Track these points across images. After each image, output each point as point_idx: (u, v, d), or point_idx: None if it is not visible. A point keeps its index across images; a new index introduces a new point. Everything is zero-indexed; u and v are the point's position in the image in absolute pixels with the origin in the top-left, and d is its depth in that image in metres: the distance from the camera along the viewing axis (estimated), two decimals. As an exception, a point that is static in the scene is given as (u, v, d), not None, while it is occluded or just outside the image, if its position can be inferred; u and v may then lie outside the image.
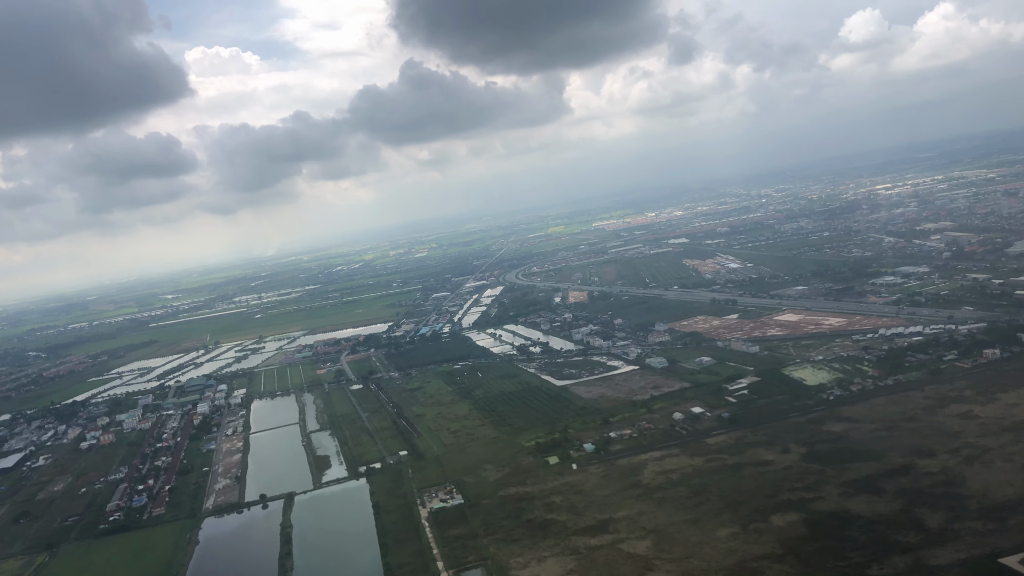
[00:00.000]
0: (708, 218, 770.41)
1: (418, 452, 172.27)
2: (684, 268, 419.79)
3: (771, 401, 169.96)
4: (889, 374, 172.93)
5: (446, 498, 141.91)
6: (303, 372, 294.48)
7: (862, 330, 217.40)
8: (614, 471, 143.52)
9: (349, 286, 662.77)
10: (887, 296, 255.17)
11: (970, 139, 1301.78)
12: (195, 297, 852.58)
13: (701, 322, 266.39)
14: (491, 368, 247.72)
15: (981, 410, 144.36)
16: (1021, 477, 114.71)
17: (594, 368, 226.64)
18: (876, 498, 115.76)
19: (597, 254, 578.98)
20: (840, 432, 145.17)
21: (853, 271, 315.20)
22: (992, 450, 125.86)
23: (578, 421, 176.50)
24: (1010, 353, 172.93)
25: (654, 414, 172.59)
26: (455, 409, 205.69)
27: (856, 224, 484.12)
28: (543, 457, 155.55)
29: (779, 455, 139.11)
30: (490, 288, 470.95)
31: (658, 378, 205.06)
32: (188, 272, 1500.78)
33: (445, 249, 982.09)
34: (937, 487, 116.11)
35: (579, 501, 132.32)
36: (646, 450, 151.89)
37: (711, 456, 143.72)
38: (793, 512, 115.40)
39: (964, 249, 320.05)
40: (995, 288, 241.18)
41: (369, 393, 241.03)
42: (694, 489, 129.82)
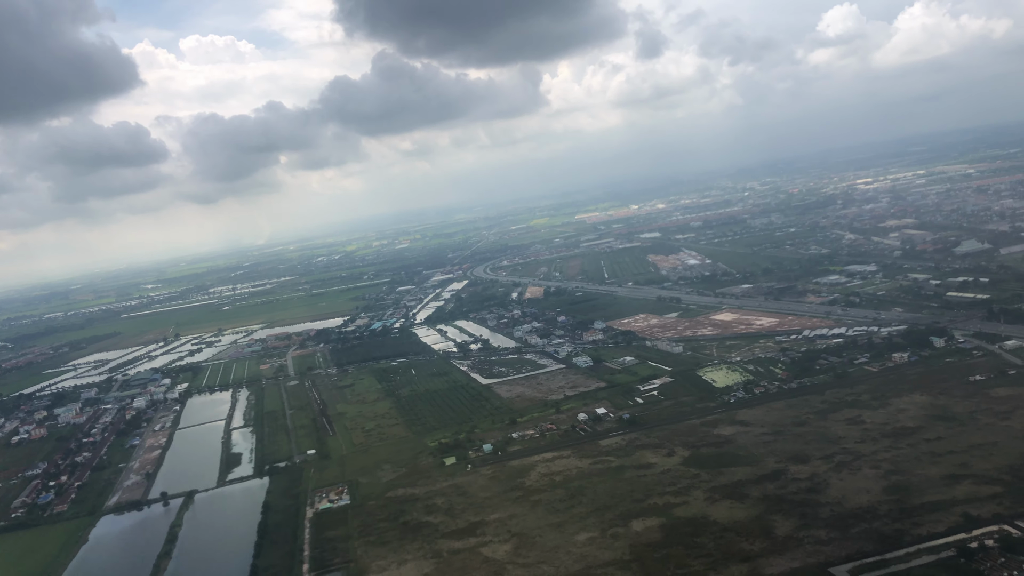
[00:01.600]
0: (688, 211, 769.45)
1: (326, 451, 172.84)
2: (646, 264, 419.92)
3: (675, 403, 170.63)
4: (797, 377, 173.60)
5: (335, 499, 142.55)
6: (248, 367, 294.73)
7: (788, 331, 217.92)
8: (503, 473, 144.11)
9: (322, 278, 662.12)
10: (826, 296, 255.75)
11: (962, 134, 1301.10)
12: (174, 287, 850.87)
13: (641, 320, 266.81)
14: (426, 366, 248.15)
15: (870, 415, 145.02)
16: (880, 485, 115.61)
17: (524, 367, 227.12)
18: (738, 504, 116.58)
19: (569, 248, 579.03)
20: (728, 436, 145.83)
21: (804, 269, 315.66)
22: (864, 456, 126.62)
23: (487, 421, 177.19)
24: (918, 357, 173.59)
25: (561, 415, 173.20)
26: (376, 407, 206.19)
27: (825, 220, 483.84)
28: (442, 458, 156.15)
29: (663, 458, 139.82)
30: (455, 282, 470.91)
31: (579, 377, 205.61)
32: (176, 261, 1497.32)
33: (428, 240, 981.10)
34: (799, 494, 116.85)
35: (459, 503, 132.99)
36: (541, 451, 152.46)
37: (599, 458, 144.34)
38: (655, 517, 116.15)
39: (916, 248, 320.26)
40: (931, 289, 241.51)
41: (302, 390, 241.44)
42: (571, 492, 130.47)
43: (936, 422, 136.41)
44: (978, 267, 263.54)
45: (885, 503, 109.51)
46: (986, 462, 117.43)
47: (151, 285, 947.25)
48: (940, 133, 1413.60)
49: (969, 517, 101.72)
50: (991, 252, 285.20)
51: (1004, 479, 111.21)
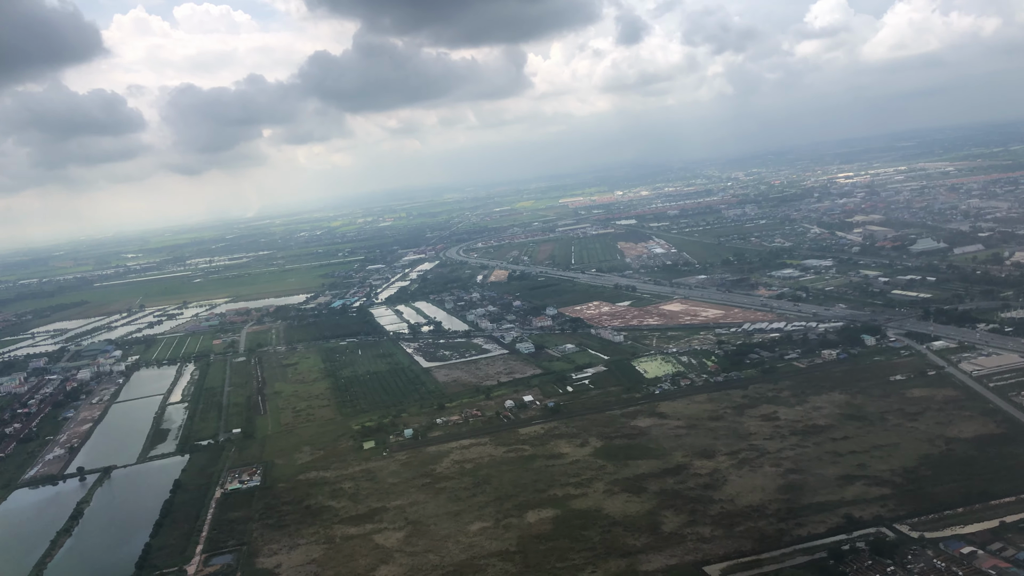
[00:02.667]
0: (670, 199, 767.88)
1: (252, 430, 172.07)
2: (614, 251, 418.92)
3: (603, 392, 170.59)
4: (726, 370, 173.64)
5: (246, 480, 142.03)
6: (201, 342, 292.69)
7: (730, 324, 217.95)
8: (416, 459, 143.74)
9: (298, 253, 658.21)
10: (776, 290, 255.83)
11: (954, 131, 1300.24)
12: (154, 258, 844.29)
13: (593, 308, 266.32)
14: (374, 346, 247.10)
15: (786, 412, 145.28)
16: (776, 483, 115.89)
17: (468, 351, 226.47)
18: (634, 498, 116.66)
19: (545, 232, 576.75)
20: (644, 428, 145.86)
21: (762, 261, 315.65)
22: (769, 454, 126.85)
23: (416, 405, 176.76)
24: (847, 354, 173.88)
25: (490, 401, 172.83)
26: (313, 388, 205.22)
27: (797, 213, 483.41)
28: (362, 441, 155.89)
29: (575, 448, 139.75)
30: (426, 263, 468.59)
31: (518, 364, 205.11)
32: (162, 231, 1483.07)
33: (411, 219, 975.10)
34: (695, 490, 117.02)
35: (366, 488, 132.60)
36: (460, 438, 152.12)
37: (514, 447, 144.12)
38: (551, 508, 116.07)
39: (875, 244, 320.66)
40: (878, 286, 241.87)
41: (247, 367, 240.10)
42: (478, 480, 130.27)
43: (847, 421, 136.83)
44: (929, 266, 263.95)
45: (775, 502, 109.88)
46: (883, 463, 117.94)
47: (132, 254, 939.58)
48: (932, 129, 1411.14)
49: (851, 519, 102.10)
50: (945, 251, 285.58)
51: (895, 481, 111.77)
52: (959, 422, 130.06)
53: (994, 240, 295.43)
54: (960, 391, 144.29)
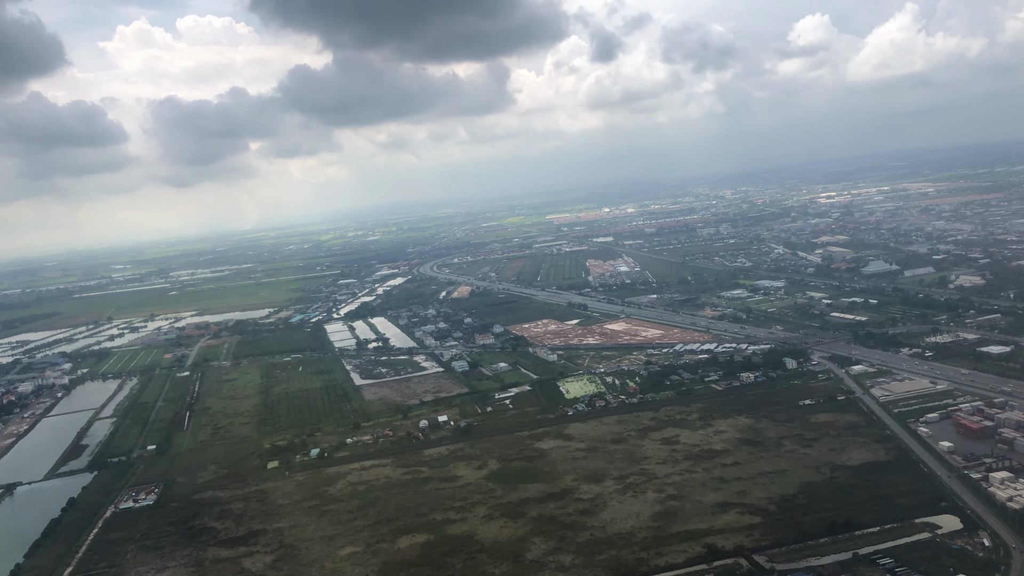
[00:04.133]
0: (653, 217, 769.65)
1: (166, 447, 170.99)
2: (581, 268, 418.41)
3: (519, 412, 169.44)
4: (645, 391, 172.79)
5: (141, 498, 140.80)
6: (153, 356, 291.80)
7: (664, 344, 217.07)
8: (313, 480, 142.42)
9: (278, 267, 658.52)
10: (721, 310, 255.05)
11: (947, 151, 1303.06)
12: (140, 269, 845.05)
13: (540, 326, 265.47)
14: (316, 363, 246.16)
15: (687, 436, 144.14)
16: (653, 509, 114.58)
17: (405, 368, 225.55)
18: (511, 523, 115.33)
19: (522, 248, 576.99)
20: (545, 450, 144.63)
21: (718, 281, 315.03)
22: (657, 479, 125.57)
23: (333, 424, 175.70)
24: (765, 377, 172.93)
25: (407, 420, 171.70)
26: (242, 404, 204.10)
27: (768, 232, 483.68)
28: (268, 461, 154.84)
29: (472, 471, 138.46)
30: (397, 278, 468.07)
31: (449, 382, 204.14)
32: (156, 243, 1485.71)
33: (401, 233, 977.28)
34: (572, 515, 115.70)
35: (254, 510, 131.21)
36: (363, 459, 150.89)
37: (413, 468, 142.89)
38: (425, 533, 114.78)
39: (831, 265, 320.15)
40: (820, 308, 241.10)
41: (188, 382, 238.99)
42: (365, 503, 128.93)
43: (742, 446, 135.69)
44: (876, 288, 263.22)
45: (645, 529, 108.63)
46: (764, 491, 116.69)
47: (121, 266, 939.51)
48: (926, 150, 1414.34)
49: (714, 549, 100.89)
50: (896, 273, 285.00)
51: (769, 509, 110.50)
52: (851, 449, 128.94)
53: (946, 263, 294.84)
54: (862, 417, 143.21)
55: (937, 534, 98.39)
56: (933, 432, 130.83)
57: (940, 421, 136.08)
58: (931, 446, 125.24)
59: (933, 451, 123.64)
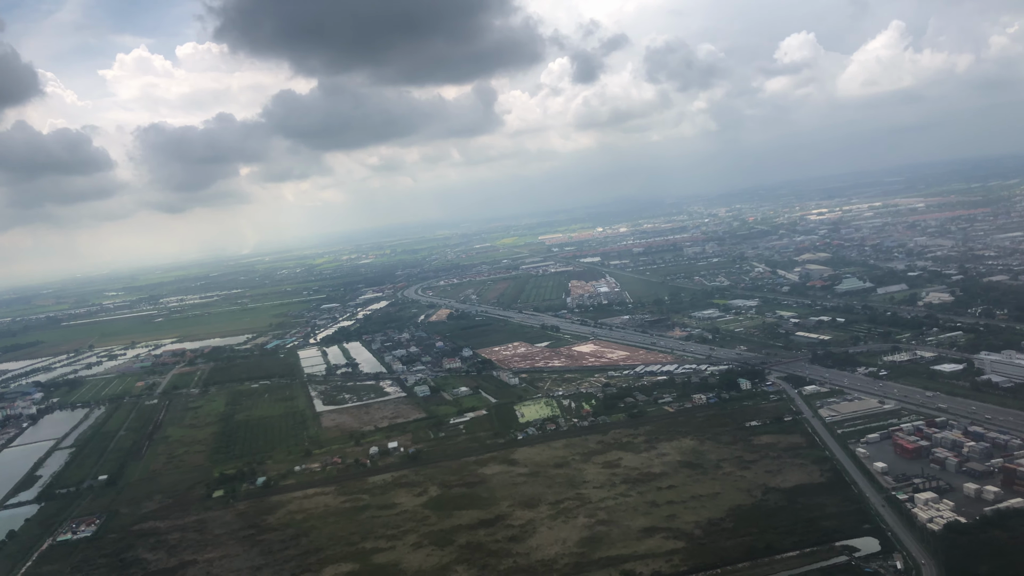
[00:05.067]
0: (645, 236, 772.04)
1: (117, 477, 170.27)
2: (562, 289, 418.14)
3: (471, 438, 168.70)
4: (598, 414, 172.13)
5: (81, 530, 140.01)
6: (125, 384, 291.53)
7: (626, 366, 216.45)
8: (254, 509, 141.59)
9: (268, 292, 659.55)
10: (689, 331, 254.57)
11: (945, 165, 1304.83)
12: (131, 296, 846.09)
13: (510, 349, 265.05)
14: (282, 389, 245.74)
15: (629, 459, 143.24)
16: (580, 535, 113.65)
17: (369, 394, 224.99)
18: (437, 551, 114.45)
19: (508, 270, 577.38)
20: (488, 475, 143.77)
21: (693, 301, 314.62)
22: (591, 504, 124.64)
23: (285, 452, 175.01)
24: (717, 399, 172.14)
25: (358, 447, 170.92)
26: (202, 432, 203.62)
27: (752, 250, 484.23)
28: (214, 490, 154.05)
29: (412, 498, 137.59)
30: (380, 302, 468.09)
31: (408, 407, 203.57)
32: (153, 269, 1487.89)
33: (395, 256, 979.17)
34: (500, 542, 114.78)
35: (189, 540, 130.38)
36: (309, 487, 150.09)
37: (354, 496, 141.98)
38: (350, 563, 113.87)
39: (807, 283, 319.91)
40: (786, 327, 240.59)
41: (154, 410, 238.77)
42: (300, 532, 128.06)
43: (682, 469, 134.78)
44: (847, 306, 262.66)
45: (567, 556, 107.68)
46: (694, 514, 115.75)
47: (114, 293, 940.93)
48: (923, 165, 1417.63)
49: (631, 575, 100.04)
50: (869, 291, 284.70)
51: (695, 534, 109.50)
52: (787, 471, 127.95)
53: (920, 280, 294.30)
54: (805, 438, 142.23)
55: (854, 557, 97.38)
56: (871, 453, 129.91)
57: (880, 442, 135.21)
58: (866, 467, 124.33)
59: (867, 472, 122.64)
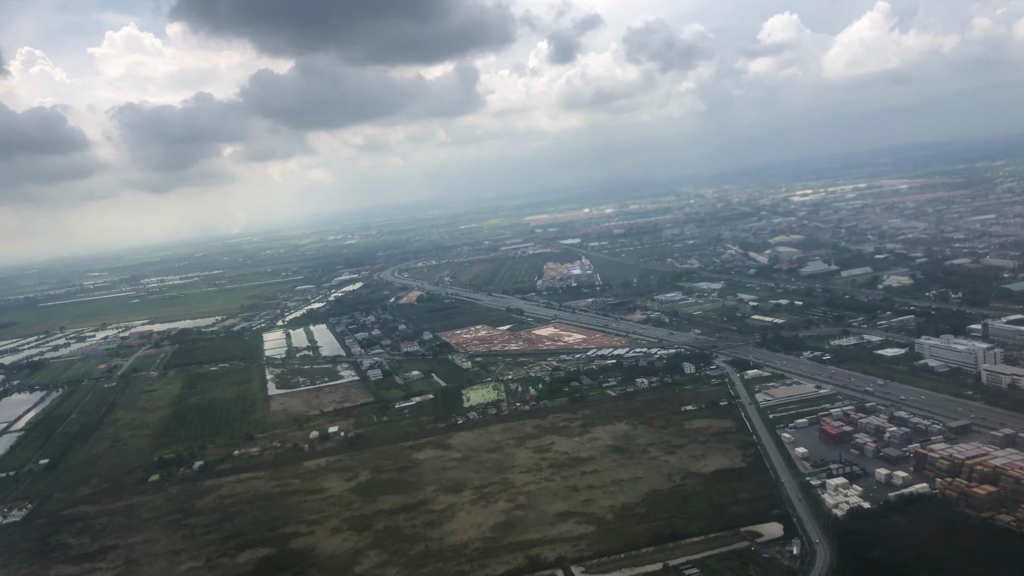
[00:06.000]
0: (630, 217, 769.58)
1: (58, 461, 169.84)
2: (536, 272, 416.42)
3: (413, 422, 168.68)
4: (542, 398, 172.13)
5: (13, 515, 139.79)
6: (88, 366, 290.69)
7: (580, 349, 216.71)
8: (185, 493, 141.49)
9: (247, 273, 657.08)
10: (648, 314, 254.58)
11: (937, 146, 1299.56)
12: (114, 276, 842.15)
13: (471, 332, 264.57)
14: (239, 372, 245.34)
15: (562, 444, 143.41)
16: (497, 520, 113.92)
17: (322, 377, 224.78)
18: (354, 536, 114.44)
19: (488, 251, 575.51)
20: (421, 460, 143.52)
21: (660, 283, 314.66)
22: (513, 489, 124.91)
23: (227, 436, 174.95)
24: (660, 383, 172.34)
25: (301, 432, 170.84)
26: (152, 415, 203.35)
27: (730, 232, 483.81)
28: (151, 474, 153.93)
29: (342, 483, 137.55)
30: (355, 283, 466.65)
31: (358, 391, 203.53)
32: (140, 249, 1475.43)
33: (381, 236, 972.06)
34: (417, 528, 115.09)
35: (116, 524, 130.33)
36: (244, 471, 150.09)
37: (286, 481, 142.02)
38: (268, 548, 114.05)
39: (774, 266, 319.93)
40: (744, 310, 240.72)
41: (111, 393, 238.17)
42: (225, 517, 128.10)
43: (609, 454, 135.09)
44: (807, 289, 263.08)
45: (481, 540, 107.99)
46: (610, 499, 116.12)
47: (97, 273, 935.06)
48: (915, 146, 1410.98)
49: (536, 561, 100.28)
50: (833, 274, 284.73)
51: (607, 519, 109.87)
52: (711, 456, 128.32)
53: (886, 263, 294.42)
54: (736, 423, 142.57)
55: (755, 543, 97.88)
56: (796, 438, 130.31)
57: (808, 427, 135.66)
58: (788, 452, 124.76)
59: (788, 458, 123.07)
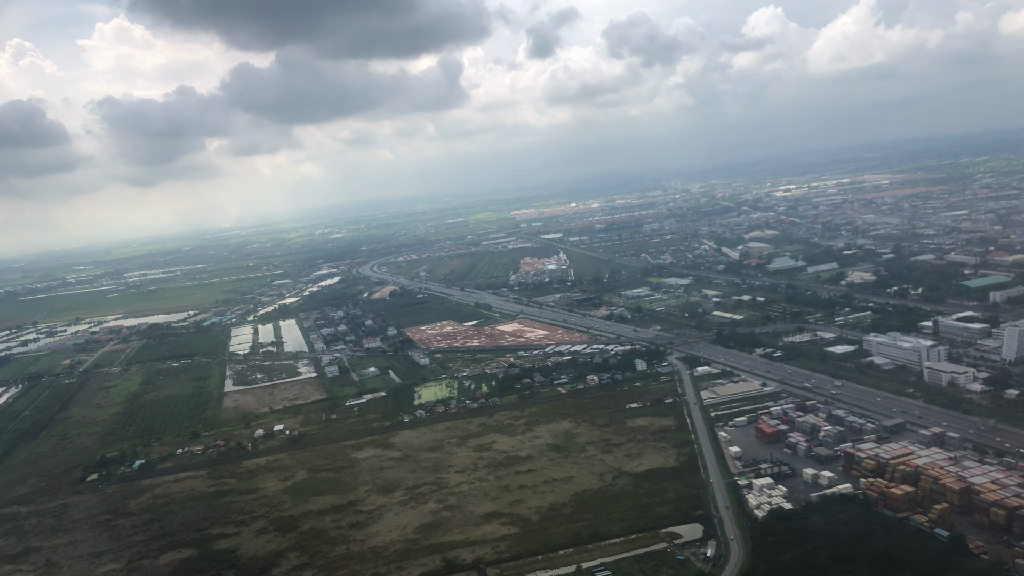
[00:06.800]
0: (615, 211, 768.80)
1: (1, 460, 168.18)
2: (512, 267, 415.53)
3: (360, 420, 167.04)
4: (493, 395, 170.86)
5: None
6: (52, 361, 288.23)
7: (538, 345, 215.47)
8: (120, 493, 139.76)
9: (229, 267, 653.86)
10: (612, 310, 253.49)
11: (926, 141, 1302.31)
12: (98, 270, 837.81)
13: (437, 328, 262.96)
14: (201, 368, 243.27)
15: (504, 442, 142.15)
16: (423, 520, 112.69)
17: (281, 374, 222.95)
18: (278, 537, 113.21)
19: (469, 246, 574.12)
20: (360, 459, 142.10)
21: (630, 279, 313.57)
22: (446, 488, 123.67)
23: (173, 434, 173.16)
24: (611, 380, 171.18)
25: (248, 429, 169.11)
26: (105, 412, 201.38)
27: (707, 227, 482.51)
28: (90, 473, 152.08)
29: (278, 482, 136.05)
30: (333, 278, 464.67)
31: (312, 388, 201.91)
32: (130, 242, 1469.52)
33: (368, 230, 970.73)
34: (342, 529, 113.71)
35: (45, 525, 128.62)
36: (183, 470, 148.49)
37: (223, 480, 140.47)
38: (190, 549, 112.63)
39: (743, 262, 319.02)
40: (707, 307, 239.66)
41: (70, 389, 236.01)
42: (155, 517, 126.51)
43: (547, 452, 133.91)
44: (772, 285, 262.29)
45: (403, 542, 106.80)
46: (539, 499, 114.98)
47: (82, 267, 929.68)
48: (906, 140, 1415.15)
49: (452, 563, 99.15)
50: (800, 270, 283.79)
51: (532, 520, 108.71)
52: (647, 455, 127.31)
53: (854, 259, 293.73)
54: (677, 421, 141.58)
55: (672, 544, 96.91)
56: (732, 437, 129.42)
57: (747, 425, 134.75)
58: (722, 451, 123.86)
59: (722, 457, 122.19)
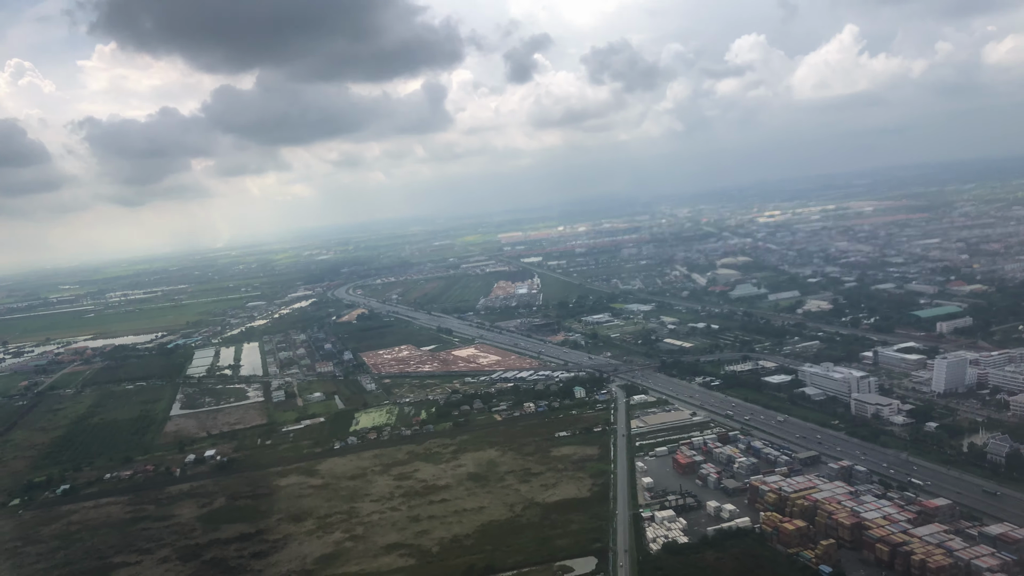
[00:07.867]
0: (600, 235, 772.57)
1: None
2: (485, 290, 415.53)
3: (292, 446, 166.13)
4: (428, 423, 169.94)
5: None
6: (11, 381, 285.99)
7: (489, 371, 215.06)
8: (37, 519, 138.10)
9: (208, 288, 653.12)
10: (568, 335, 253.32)
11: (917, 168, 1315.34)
12: (82, 290, 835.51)
13: (394, 352, 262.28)
14: (154, 391, 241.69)
15: (426, 470, 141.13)
16: (324, 551, 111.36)
17: (229, 398, 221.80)
18: (180, 566, 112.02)
19: (448, 269, 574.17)
20: (282, 487, 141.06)
21: (593, 304, 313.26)
22: (356, 518, 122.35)
23: (106, 458, 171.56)
24: (547, 407, 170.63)
25: (181, 454, 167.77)
26: (45, 436, 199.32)
27: (684, 253, 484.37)
28: (14, 498, 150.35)
29: (195, 509, 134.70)
30: (306, 300, 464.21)
31: (254, 413, 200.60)
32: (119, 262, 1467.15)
33: (356, 252, 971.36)
34: (245, 558, 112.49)
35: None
36: (105, 496, 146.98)
37: (141, 507, 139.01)
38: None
39: (708, 288, 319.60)
40: (661, 334, 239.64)
41: (18, 411, 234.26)
42: (63, 545, 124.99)
43: (466, 482, 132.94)
44: (728, 313, 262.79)
45: (299, 573, 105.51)
46: (445, 530, 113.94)
47: (67, 287, 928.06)
48: (897, 167, 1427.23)
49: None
50: (761, 297, 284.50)
51: (432, 551, 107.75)
52: (563, 484, 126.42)
53: (816, 287, 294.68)
54: (602, 450, 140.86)
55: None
56: (649, 467, 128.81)
57: (667, 455, 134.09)
58: (636, 482, 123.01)
59: (634, 487, 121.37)
